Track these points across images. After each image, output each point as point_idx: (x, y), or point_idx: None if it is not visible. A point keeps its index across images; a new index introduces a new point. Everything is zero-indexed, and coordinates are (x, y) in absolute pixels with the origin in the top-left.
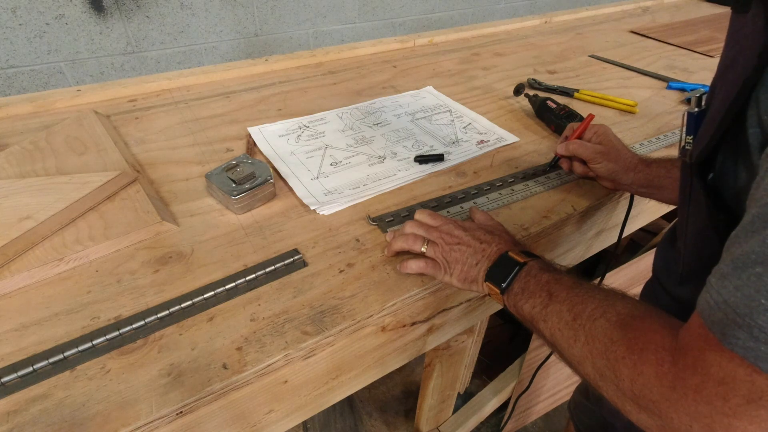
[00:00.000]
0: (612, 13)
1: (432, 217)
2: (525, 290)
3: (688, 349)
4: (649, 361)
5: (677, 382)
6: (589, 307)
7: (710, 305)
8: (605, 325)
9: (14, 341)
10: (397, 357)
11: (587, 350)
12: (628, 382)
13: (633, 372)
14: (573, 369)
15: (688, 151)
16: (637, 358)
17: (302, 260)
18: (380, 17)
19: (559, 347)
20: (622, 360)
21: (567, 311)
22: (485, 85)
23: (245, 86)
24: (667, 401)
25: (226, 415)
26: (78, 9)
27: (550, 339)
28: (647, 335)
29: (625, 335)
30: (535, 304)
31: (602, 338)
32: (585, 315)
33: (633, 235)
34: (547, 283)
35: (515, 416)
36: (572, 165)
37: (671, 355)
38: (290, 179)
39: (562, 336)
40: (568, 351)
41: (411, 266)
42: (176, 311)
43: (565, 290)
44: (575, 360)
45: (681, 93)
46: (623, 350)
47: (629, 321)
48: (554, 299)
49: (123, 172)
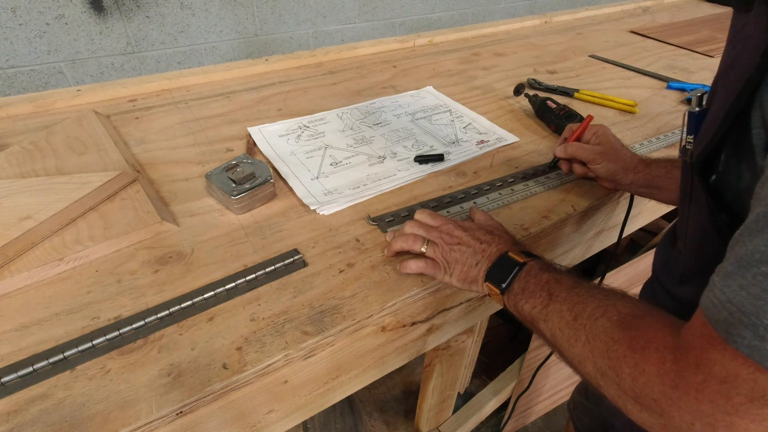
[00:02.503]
0: (612, 13)
1: (432, 217)
2: (525, 290)
3: (691, 348)
4: (650, 360)
5: (679, 381)
6: (590, 306)
7: (714, 304)
8: (606, 324)
9: (14, 341)
10: (397, 357)
11: (588, 349)
12: (629, 381)
13: (634, 371)
14: (574, 369)
15: (688, 150)
16: (639, 356)
17: (302, 260)
18: (380, 17)
19: (559, 347)
20: (624, 359)
21: (567, 311)
22: (485, 85)
23: (245, 86)
24: (668, 400)
25: (226, 415)
26: (78, 9)
27: (550, 339)
28: (649, 334)
29: (626, 334)
30: (535, 304)
31: (603, 337)
32: (586, 314)
33: (633, 235)
34: (547, 282)
35: (515, 416)
36: (572, 166)
37: (673, 353)
38: (290, 179)
39: (562, 336)
40: (569, 351)
41: (411, 266)
42: (176, 311)
43: (566, 290)
44: (576, 359)
45: (681, 93)
46: (624, 349)
47: (630, 320)
48: (554, 299)
49: (123, 172)
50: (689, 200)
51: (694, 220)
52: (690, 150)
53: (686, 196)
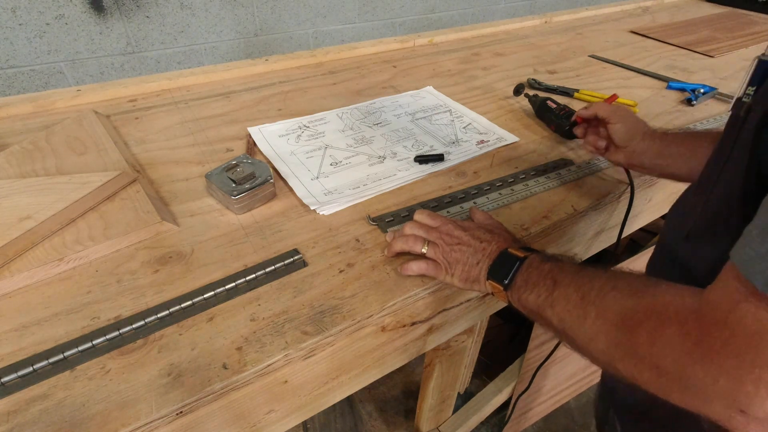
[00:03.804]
0: (612, 13)
1: (431, 217)
2: (528, 282)
3: (718, 304)
4: (669, 323)
5: (703, 338)
6: (597, 284)
7: (751, 257)
8: (617, 296)
9: (14, 341)
10: (397, 357)
11: (599, 324)
12: (646, 347)
13: (652, 336)
14: (583, 352)
15: (744, 104)
16: (656, 321)
17: (302, 260)
18: (380, 17)
19: (568, 330)
20: (640, 326)
21: (574, 292)
22: (485, 85)
23: (245, 86)
24: (691, 358)
25: (226, 415)
26: (78, 9)
27: (558, 324)
28: (665, 298)
29: (639, 302)
30: (540, 293)
31: (615, 309)
32: (594, 292)
33: (633, 235)
34: (550, 271)
35: (516, 417)
36: (586, 134)
37: (694, 313)
38: (290, 179)
39: (570, 317)
40: (578, 330)
41: (412, 268)
42: (176, 311)
43: (570, 275)
44: (587, 338)
45: (681, 93)
46: (640, 316)
47: (643, 289)
48: (559, 285)
49: (123, 172)
50: (726, 158)
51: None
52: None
53: (723, 155)
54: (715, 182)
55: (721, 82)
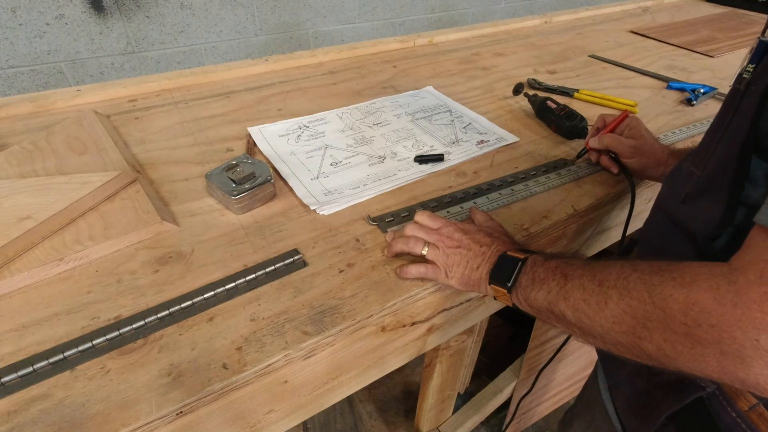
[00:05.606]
0: (612, 13)
1: (432, 219)
2: (535, 280)
3: (751, 264)
4: (702, 289)
5: (739, 298)
6: (614, 270)
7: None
8: (640, 276)
9: (14, 341)
10: (397, 357)
11: (624, 305)
12: (680, 316)
13: (685, 305)
14: (602, 340)
15: (744, 79)
16: (688, 291)
17: (302, 260)
18: (380, 17)
19: (585, 319)
20: (671, 297)
21: (590, 281)
22: (485, 85)
23: (245, 86)
24: (729, 320)
25: (226, 415)
26: (78, 9)
27: (573, 316)
28: (693, 269)
29: (667, 276)
30: (550, 288)
31: (640, 287)
32: (612, 276)
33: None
34: (558, 267)
35: (517, 418)
36: (600, 157)
37: (727, 277)
38: (290, 179)
39: (588, 306)
40: (598, 317)
41: (411, 271)
42: (176, 311)
43: (580, 268)
44: (607, 324)
45: (681, 93)
46: (669, 289)
47: (666, 266)
48: (571, 277)
49: (123, 172)
50: (724, 128)
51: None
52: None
53: (721, 126)
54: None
55: (721, 82)
